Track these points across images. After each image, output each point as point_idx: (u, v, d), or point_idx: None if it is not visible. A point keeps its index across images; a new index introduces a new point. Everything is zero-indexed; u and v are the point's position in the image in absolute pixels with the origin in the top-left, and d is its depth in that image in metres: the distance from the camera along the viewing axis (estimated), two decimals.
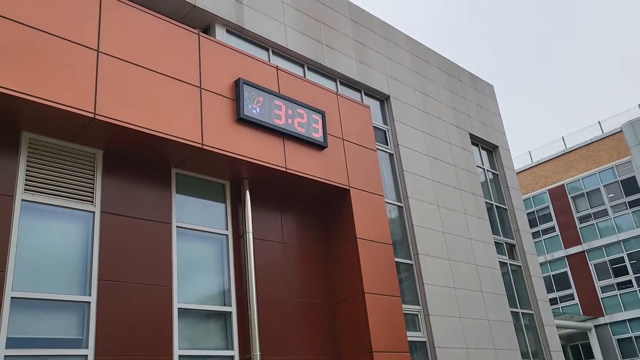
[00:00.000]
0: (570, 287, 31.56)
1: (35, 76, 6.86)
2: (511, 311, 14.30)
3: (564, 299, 31.54)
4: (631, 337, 28.77)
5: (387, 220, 10.84)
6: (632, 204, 30.24)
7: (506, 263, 15.27)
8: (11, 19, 6.86)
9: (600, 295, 30.29)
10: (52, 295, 6.96)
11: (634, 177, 30.20)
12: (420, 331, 11.69)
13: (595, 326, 29.72)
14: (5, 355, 6.35)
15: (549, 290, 30.82)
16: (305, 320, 9.58)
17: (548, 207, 33.27)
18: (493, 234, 15.10)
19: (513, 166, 17.26)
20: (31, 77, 6.82)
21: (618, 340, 29.12)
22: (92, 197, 7.74)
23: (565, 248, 32.06)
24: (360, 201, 10.48)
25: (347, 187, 10.35)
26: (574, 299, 31.26)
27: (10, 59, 6.72)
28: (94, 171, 7.89)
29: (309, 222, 10.45)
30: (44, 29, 7.12)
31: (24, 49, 6.88)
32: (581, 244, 31.45)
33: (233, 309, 8.73)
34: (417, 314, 11.81)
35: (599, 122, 32.33)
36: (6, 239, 6.78)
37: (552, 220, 32.99)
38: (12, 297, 6.61)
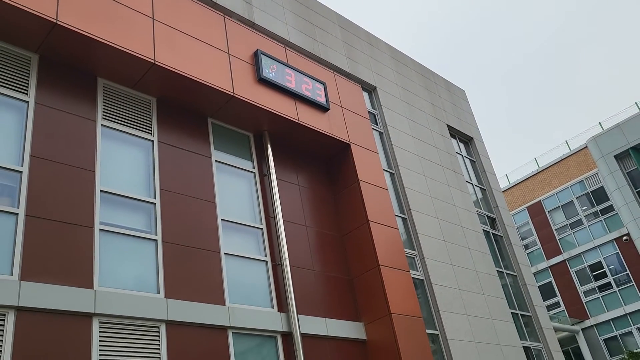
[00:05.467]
0: (555, 296, 33.28)
1: (109, 30, 9.05)
2: (497, 270, 16.15)
3: (550, 307, 33.16)
4: (616, 335, 30.36)
5: (382, 171, 12.93)
6: (602, 211, 32.57)
7: (489, 232, 17.25)
8: None
9: (584, 299, 32.04)
10: (128, 193, 8.88)
11: (601, 187, 32.68)
12: (418, 271, 13.52)
13: (582, 329, 31.31)
14: (100, 229, 8.20)
15: None
16: (320, 245, 11.46)
17: (528, 222, 35.46)
18: (475, 207, 17.14)
19: (488, 155, 19.52)
20: (107, 30, 9.01)
21: (605, 340, 30.67)
22: (151, 130, 9.78)
23: (547, 259, 34.02)
24: (359, 154, 12.59)
25: (348, 142, 12.48)
26: (560, 306, 32.92)
27: (92, 18, 8.92)
28: (150, 112, 9.97)
29: (318, 171, 12.50)
30: None
31: (101, 12, 9.09)
32: (561, 253, 33.47)
33: (263, 226, 10.64)
34: (414, 257, 13.67)
35: (566, 141, 35.19)
36: (93, 148, 8.75)
37: (533, 235, 35.11)
38: (100, 190, 8.52)
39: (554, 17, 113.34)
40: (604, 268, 31.94)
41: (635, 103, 32.52)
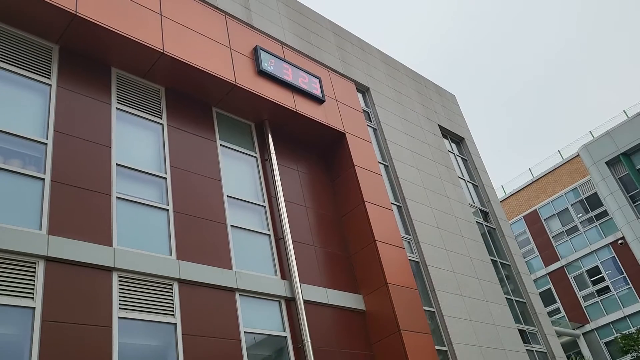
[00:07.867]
0: (555, 302, 33.73)
1: (122, 22, 9.99)
2: (491, 259, 16.81)
3: (551, 313, 33.57)
4: (617, 338, 30.70)
5: (375, 158, 13.75)
6: (597, 217, 33.28)
7: (482, 224, 17.97)
8: None
9: (584, 304, 32.50)
10: (141, 167, 9.69)
11: (595, 193, 33.46)
12: (413, 254, 14.22)
13: (583, 334, 31.69)
14: (117, 197, 8.99)
15: None
16: (319, 225, 12.21)
17: (525, 231, 36.12)
18: (467, 200, 17.89)
19: (479, 154, 20.36)
20: (120, 23, 9.95)
21: (605, 343, 31.03)
22: (161, 115, 10.64)
23: (545, 266, 34.57)
24: (354, 143, 13.44)
25: (343, 132, 13.34)
26: (560, 312, 33.35)
27: (106, 11, 9.86)
28: (160, 100, 10.85)
29: (316, 159, 13.33)
30: None
31: (115, 7, 10.05)
32: (559, 260, 34.05)
33: (266, 204, 11.41)
34: (409, 241, 14.38)
35: (558, 150, 36.09)
36: (109, 127, 9.60)
37: (531, 243, 35.72)
38: (116, 164, 9.34)
39: (552, 44, 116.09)
40: (601, 272, 32.49)
41: (624, 111, 33.52)
